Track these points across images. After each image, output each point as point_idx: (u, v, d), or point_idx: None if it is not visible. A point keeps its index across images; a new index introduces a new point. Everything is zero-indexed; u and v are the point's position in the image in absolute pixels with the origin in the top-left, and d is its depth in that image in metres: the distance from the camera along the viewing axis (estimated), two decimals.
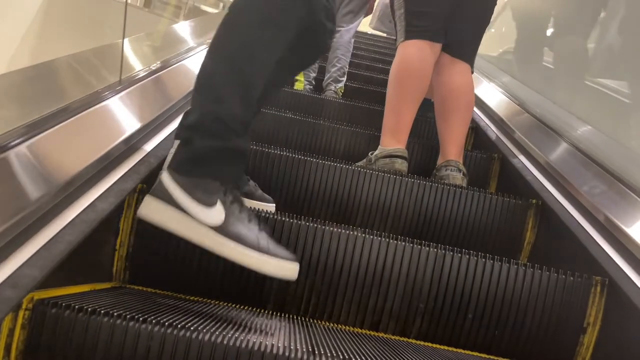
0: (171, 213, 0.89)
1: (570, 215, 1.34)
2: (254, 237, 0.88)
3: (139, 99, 1.35)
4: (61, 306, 0.74)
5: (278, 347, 0.74)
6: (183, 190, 0.89)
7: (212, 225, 0.88)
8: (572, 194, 1.40)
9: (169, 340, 0.74)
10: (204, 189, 0.90)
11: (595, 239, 1.21)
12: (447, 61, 1.73)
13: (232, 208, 0.90)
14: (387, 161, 1.63)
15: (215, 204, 0.89)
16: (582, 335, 1.11)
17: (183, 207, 0.89)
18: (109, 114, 1.17)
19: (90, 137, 1.06)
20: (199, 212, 0.89)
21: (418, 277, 1.12)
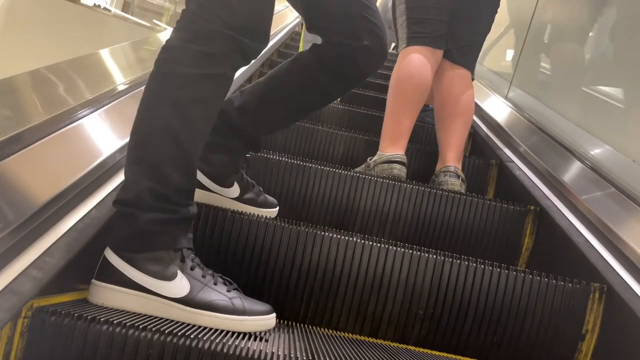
0: (130, 295, 0.84)
1: (568, 221, 1.35)
2: (226, 300, 0.85)
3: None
4: (60, 314, 0.74)
5: (278, 355, 0.74)
6: (136, 268, 0.84)
7: (176, 298, 0.84)
8: (571, 201, 1.40)
9: (168, 348, 0.74)
10: (158, 262, 0.85)
11: (593, 246, 1.21)
12: (448, 67, 1.74)
13: (194, 274, 0.86)
14: (385, 167, 1.63)
15: (175, 275, 0.85)
16: (581, 342, 1.11)
17: (142, 286, 0.84)
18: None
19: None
20: (160, 287, 0.84)
21: (417, 283, 1.12)
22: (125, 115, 1.25)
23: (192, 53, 0.88)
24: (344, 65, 1.13)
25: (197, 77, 0.87)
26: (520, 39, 2.49)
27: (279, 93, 1.18)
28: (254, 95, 1.18)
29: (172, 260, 0.85)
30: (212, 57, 0.88)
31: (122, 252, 0.85)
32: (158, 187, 0.86)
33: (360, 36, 1.10)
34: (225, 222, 1.12)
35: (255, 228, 1.12)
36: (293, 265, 1.11)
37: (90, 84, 1.36)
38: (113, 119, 1.21)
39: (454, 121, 1.73)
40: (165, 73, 0.88)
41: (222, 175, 1.19)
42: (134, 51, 1.85)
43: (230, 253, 1.11)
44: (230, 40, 0.88)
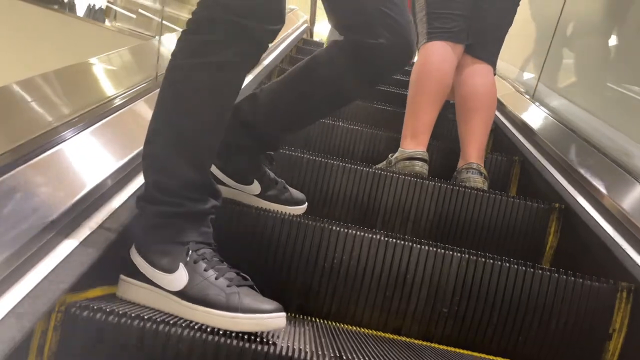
0: (139, 287, 0.86)
1: (594, 220, 1.33)
2: (222, 295, 0.81)
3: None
4: (92, 309, 0.76)
5: (306, 352, 0.75)
6: (146, 261, 0.86)
7: (175, 291, 0.83)
8: (597, 198, 1.38)
9: (197, 343, 0.75)
10: (166, 255, 0.85)
11: (620, 244, 1.19)
12: (469, 62, 1.72)
13: (197, 268, 0.84)
14: (407, 163, 1.62)
15: (177, 268, 0.84)
16: (608, 342, 1.09)
17: (148, 278, 0.85)
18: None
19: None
20: (161, 279, 0.84)
21: (441, 281, 1.11)
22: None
23: (192, 44, 0.88)
24: (361, 64, 1.06)
25: (197, 66, 0.87)
26: (548, 35, 2.45)
27: (295, 92, 1.14)
28: (269, 94, 1.15)
29: (178, 254, 0.85)
30: (214, 45, 0.86)
31: (138, 246, 0.88)
32: (162, 180, 0.86)
33: (377, 33, 1.02)
34: (250, 219, 1.13)
35: (279, 225, 1.13)
36: (317, 263, 1.12)
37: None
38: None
39: (476, 117, 1.71)
40: (170, 67, 0.90)
41: (241, 174, 1.18)
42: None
43: (254, 250, 1.12)
44: (233, 25, 0.85)
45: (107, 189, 0.95)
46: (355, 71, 1.08)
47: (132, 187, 1.04)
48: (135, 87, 1.36)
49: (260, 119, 1.14)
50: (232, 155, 1.15)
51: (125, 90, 1.33)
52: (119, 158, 1.05)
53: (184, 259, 0.84)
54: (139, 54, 1.64)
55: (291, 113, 1.16)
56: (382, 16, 1.02)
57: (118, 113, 1.18)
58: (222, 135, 0.92)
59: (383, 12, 1.02)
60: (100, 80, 1.41)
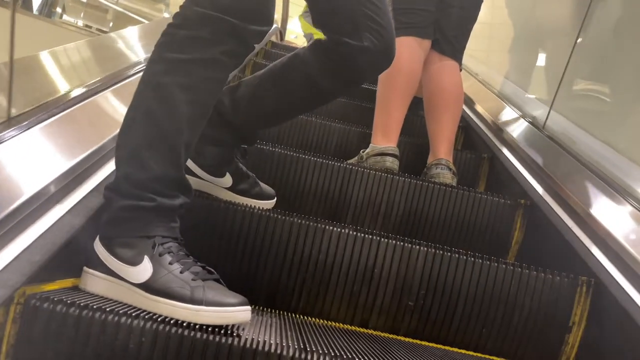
0: (102, 279, 0.85)
1: (557, 216, 1.36)
2: (186, 288, 0.80)
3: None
4: (53, 301, 0.74)
5: (270, 344, 0.75)
6: (110, 253, 0.84)
7: (138, 283, 0.82)
8: (561, 195, 1.42)
9: (161, 336, 0.74)
10: (130, 247, 0.84)
11: (581, 240, 1.23)
12: (436, 59, 1.75)
13: (162, 260, 0.83)
14: (378, 159, 1.64)
15: (141, 261, 0.83)
16: (568, 334, 1.13)
17: (111, 270, 0.84)
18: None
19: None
20: (125, 271, 0.83)
21: (408, 275, 1.13)
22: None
23: (179, 38, 0.87)
24: (343, 66, 1.07)
25: (182, 61, 0.86)
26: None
27: (274, 88, 1.14)
28: (248, 88, 1.15)
29: (144, 247, 0.84)
30: (200, 42, 0.86)
31: (102, 237, 0.86)
32: (135, 173, 0.85)
33: (360, 36, 1.02)
34: (219, 212, 1.12)
35: (248, 219, 1.12)
36: (285, 256, 1.12)
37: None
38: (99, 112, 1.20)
39: (444, 113, 1.73)
40: (153, 59, 0.89)
41: (214, 166, 1.18)
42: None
43: (223, 243, 1.11)
44: (221, 24, 0.86)
45: (70, 179, 0.93)
46: (336, 72, 1.09)
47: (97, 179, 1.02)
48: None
49: (237, 113, 1.14)
50: (206, 146, 1.15)
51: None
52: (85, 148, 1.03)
53: (149, 251, 0.83)
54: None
55: (269, 109, 1.17)
56: (365, 18, 1.02)
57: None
58: (199, 131, 0.91)
59: (366, 14, 1.02)
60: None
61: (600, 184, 1.32)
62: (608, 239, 1.16)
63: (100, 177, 1.04)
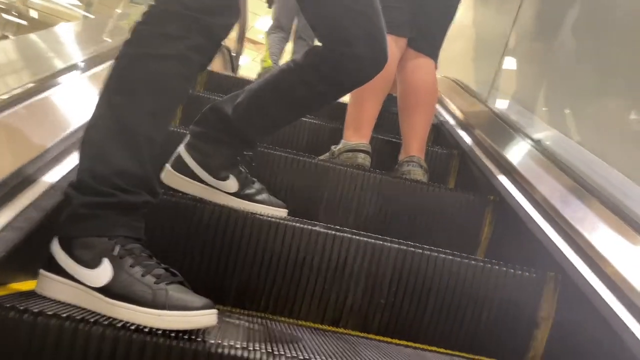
0: (60, 283, 0.81)
1: (525, 211, 1.38)
2: (148, 292, 0.77)
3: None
4: (4, 307, 0.70)
5: (237, 348, 0.73)
6: (68, 254, 0.81)
7: (97, 287, 0.78)
8: (528, 191, 1.43)
9: (122, 342, 0.71)
10: (89, 248, 0.80)
11: (549, 235, 1.24)
12: (412, 56, 1.74)
13: (122, 263, 0.79)
14: (349, 155, 1.62)
15: (100, 263, 0.79)
16: (536, 330, 1.14)
17: (69, 273, 0.80)
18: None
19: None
20: (83, 275, 0.80)
21: (379, 272, 1.12)
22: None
23: (145, 34, 0.88)
24: (337, 71, 1.10)
25: (147, 57, 0.86)
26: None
27: (272, 93, 1.16)
28: (248, 94, 1.17)
29: (104, 248, 0.80)
30: (165, 37, 0.86)
31: (61, 238, 0.82)
32: (97, 167, 0.83)
33: (352, 42, 1.05)
34: (186, 210, 1.09)
35: (216, 217, 1.10)
36: (255, 255, 1.10)
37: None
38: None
39: (418, 111, 1.73)
40: (119, 56, 0.88)
41: (213, 165, 1.17)
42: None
43: (190, 243, 1.08)
44: (186, 20, 0.86)
45: (25, 177, 0.89)
46: (331, 77, 1.11)
47: (54, 175, 0.98)
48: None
49: (237, 117, 1.15)
50: (210, 148, 1.16)
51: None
52: (42, 143, 0.99)
53: (109, 253, 0.80)
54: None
55: (268, 113, 1.18)
56: (357, 26, 1.05)
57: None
58: (165, 130, 0.90)
59: (357, 22, 1.04)
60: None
61: (568, 180, 1.34)
62: (574, 234, 1.17)
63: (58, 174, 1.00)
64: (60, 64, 1.33)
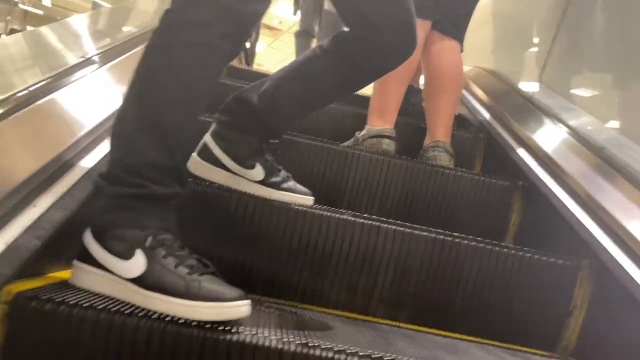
0: (94, 274, 0.81)
1: (557, 197, 1.34)
2: (181, 283, 0.77)
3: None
4: (41, 299, 0.71)
5: (271, 340, 0.72)
6: (101, 245, 0.81)
7: (131, 278, 0.79)
8: (560, 176, 1.40)
9: (156, 334, 0.71)
10: (123, 240, 0.80)
11: (583, 222, 1.21)
12: (437, 39, 1.70)
13: (155, 254, 0.79)
14: (374, 141, 1.60)
15: (133, 254, 0.80)
16: (569, 318, 1.12)
17: (102, 264, 0.80)
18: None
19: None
20: (117, 266, 0.80)
21: (409, 261, 1.11)
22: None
23: (173, 23, 0.86)
24: (364, 58, 1.08)
25: (172, 45, 0.85)
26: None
27: (297, 81, 1.15)
28: (274, 81, 1.15)
29: (137, 239, 0.80)
30: (192, 25, 0.85)
31: (94, 229, 0.83)
32: (128, 159, 0.83)
33: (379, 26, 1.03)
34: (214, 199, 1.09)
35: (243, 206, 1.09)
36: (282, 244, 1.09)
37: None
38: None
39: (443, 95, 1.70)
40: (148, 45, 0.88)
41: (239, 153, 1.16)
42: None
43: (219, 232, 1.08)
44: (214, 6, 0.85)
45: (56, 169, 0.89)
46: (358, 63, 1.09)
47: (84, 167, 0.98)
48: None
49: (263, 105, 1.14)
50: (236, 136, 1.15)
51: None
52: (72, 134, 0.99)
53: (142, 244, 0.80)
54: None
55: (293, 100, 1.17)
56: (384, 11, 1.02)
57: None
58: (195, 120, 0.89)
59: (385, 7, 1.02)
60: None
61: (602, 165, 1.30)
62: (609, 220, 1.14)
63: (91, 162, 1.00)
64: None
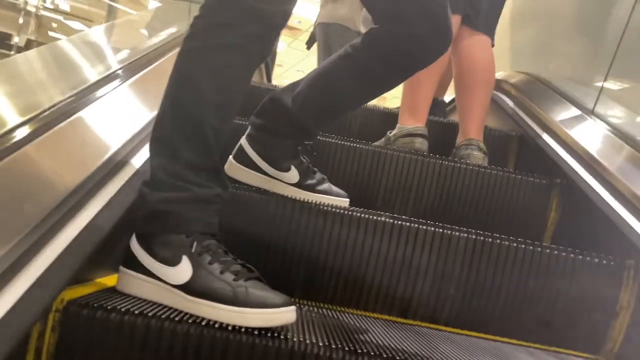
0: (142, 281, 0.82)
1: (598, 194, 1.31)
2: (228, 289, 0.77)
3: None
4: (92, 307, 0.72)
5: (319, 346, 0.72)
6: (148, 252, 0.82)
7: (178, 284, 0.79)
8: (600, 172, 1.36)
9: (206, 339, 0.71)
10: (169, 246, 0.81)
11: (627, 220, 1.18)
12: (467, 34, 1.67)
13: (201, 260, 0.80)
14: (406, 140, 1.58)
15: (180, 261, 0.80)
16: (614, 320, 1.09)
17: (150, 271, 0.81)
18: None
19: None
20: (164, 273, 0.80)
21: (448, 262, 1.09)
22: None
23: (201, 27, 0.89)
24: (396, 53, 1.05)
25: (204, 49, 0.86)
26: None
27: (330, 82, 1.13)
28: (307, 82, 1.15)
29: (182, 246, 0.81)
30: (221, 27, 0.86)
31: (140, 236, 0.84)
32: (168, 163, 0.84)
33: (412, 22, 1.00)
34: (250, 203, 1.09)
35: (281, 209, 1.09)
36: (320, 246, 1.09)
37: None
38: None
39: (475, 91, 1.67)
40: (180, 51, 0.89)
41: (274, 156, 1.16)
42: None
43: (257, 235, 1.08)
44: (240, 7, 0.86)
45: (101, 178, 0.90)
46: (390, 59, 1.07)
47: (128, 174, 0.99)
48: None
49: (296, 107, 1.14)
50: (271, 139, 1.16)
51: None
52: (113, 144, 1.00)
53: (187, 250, 0.80)
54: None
55: (327, 100, 1.16)
56: (418, 5, 1.00)
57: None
58: (230, 121, 0.90)
59: (421, 2, 0.99)
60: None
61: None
62: None
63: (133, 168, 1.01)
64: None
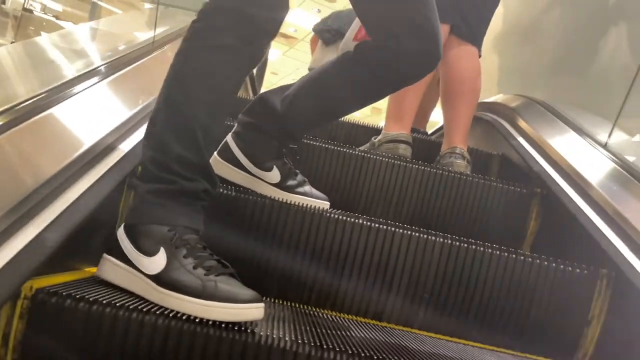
0: (120, 268, 0.84)
1: (576, 205, 1.33)
2: (197, 283, 0.78)
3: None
4: (61, 295, 0.72)
5: (285, 341, 0.72)
6: (130, 241, 0.84)
7: (151, 275, 0.81)
8: (579, 184, 1.38)
9: (173, 332, 0.72)
10: (150, 237, 0.83)
11: (602, 230, 1.19)
12: (455, 44, 1.69)
13: (177, 253, 0.81)
14: (390, 146, 1.60)
15: (157, 251, 0.82)
16: (586, 328, 1.10)
17: (128, 259, 0.83)
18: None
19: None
20: (140, 261, 0.82)
21: (423, 266, 1.10)
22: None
23: (197, 30, 0.93)
24: (385, 68, 1.07)
25: (198, 49, 0.91)
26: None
27: (318, 89, 1.16)
28: (297, 87, 1.17)
29: (163, 237, 0.83)
30: (215, 30, 0.91)
31: (127, 225, 0.86)
32: (158, 156, 0.88)
33: (400, 38, 1.02)
34: (229, 202, 1.09)
35: (259, 209, 1.10)
36: (298, 247, 1.09)
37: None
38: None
39: (461, 101, 1.69)
40: (177, 52, 0.94)
41: (257, 155, 1.17)
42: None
43: (234, 234, 1.09)
44: (233, 11, 0.90)
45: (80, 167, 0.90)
46: (379, 73, 1.09)
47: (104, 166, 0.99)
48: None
49: (284, 110, 1.16)
50: (256, 138, 1.17)
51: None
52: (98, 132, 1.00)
53: (167, 242, 0.82)
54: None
55: (314, 106, 1.18)
56: (409, 21, 1.02)
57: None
58: (221, 120, 0.94)
59: (406, 16, 1.02)
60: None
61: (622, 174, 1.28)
62: (630, 230, 1.12)
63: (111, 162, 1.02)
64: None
